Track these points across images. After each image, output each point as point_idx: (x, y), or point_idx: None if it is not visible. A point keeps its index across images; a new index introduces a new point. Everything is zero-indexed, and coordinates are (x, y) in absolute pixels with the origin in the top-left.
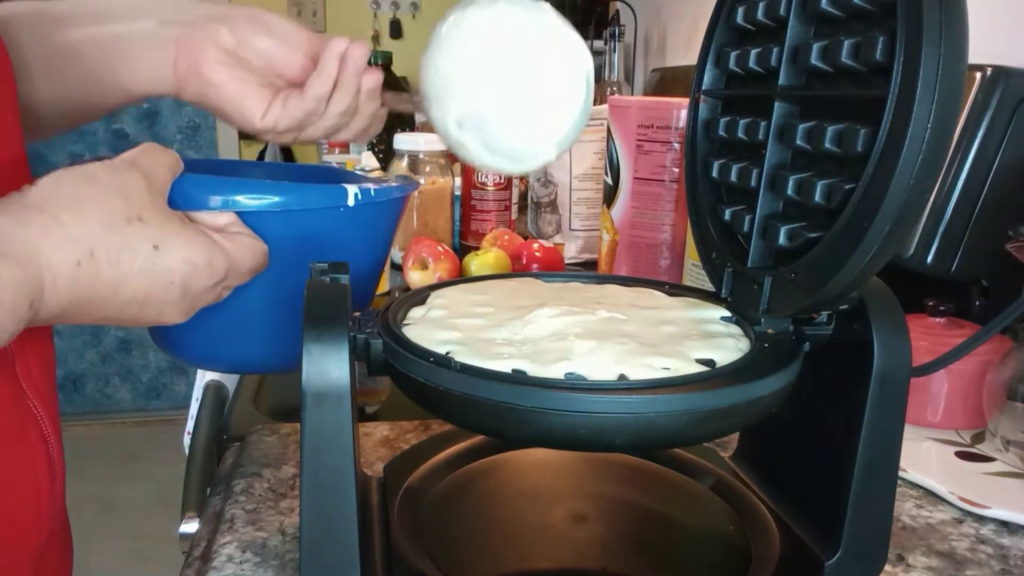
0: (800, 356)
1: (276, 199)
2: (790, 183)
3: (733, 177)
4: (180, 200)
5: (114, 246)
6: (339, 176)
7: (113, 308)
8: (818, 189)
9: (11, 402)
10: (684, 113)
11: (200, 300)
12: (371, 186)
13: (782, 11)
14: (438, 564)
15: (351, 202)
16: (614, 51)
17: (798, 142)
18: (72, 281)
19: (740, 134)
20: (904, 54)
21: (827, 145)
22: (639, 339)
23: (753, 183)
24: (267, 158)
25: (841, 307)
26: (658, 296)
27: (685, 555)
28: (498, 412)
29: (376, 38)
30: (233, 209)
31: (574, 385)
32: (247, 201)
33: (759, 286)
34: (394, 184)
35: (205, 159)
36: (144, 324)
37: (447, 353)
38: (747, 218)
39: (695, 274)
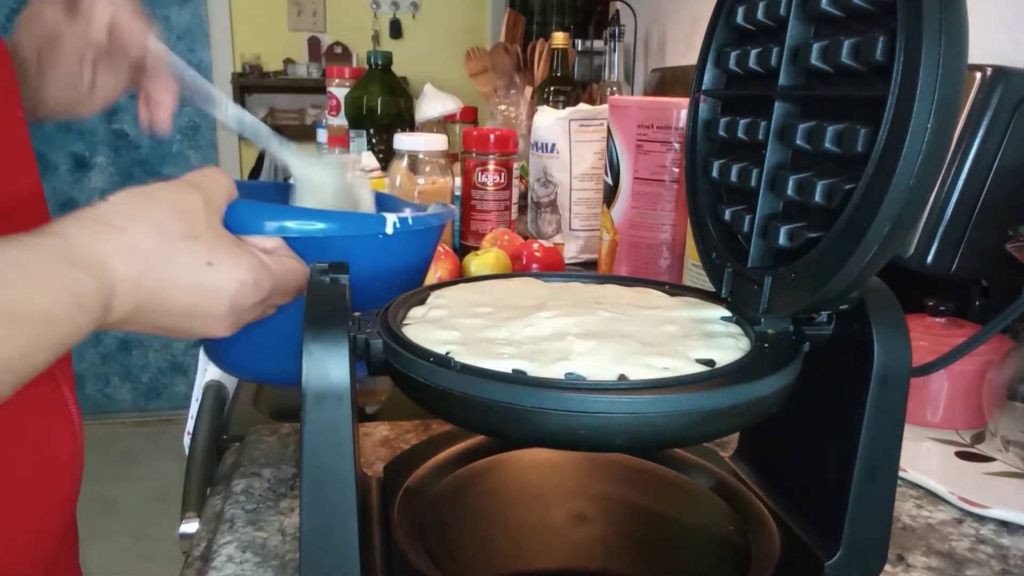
0: (800, 356)
1: (320, 226)
2: (790, 183)
3: (733, 177)
4: (233, 223)
5: (172, 261)
6: (382, 202)
7: (168, 319)
8: (818, 189)
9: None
10: (684, 113)
11: (245, 316)
12: (409, 215)
13: (782, 11)
14: (438, 564)
15: (389, 230)
16: (614, 51)
17: (798, 142)
18: (135, 290)
19: (740, 134)
20: (904, 54)
21: (827, 145)
22: (639, 339)
23: (753, 183)
24: (265, 160)
25: (841, 307)
26: (658, 296)
27: (685, 555)
28: (498, 412)
29: (376, 38)
30: (281, 234)
31: (574, 385)
32: (293, 226)
33: (759, 286)
34: (431, 212)
35: (251, 182)
36: (193, 336)
37: (447, 353)
38: (747, 218)
39: (695, 274)
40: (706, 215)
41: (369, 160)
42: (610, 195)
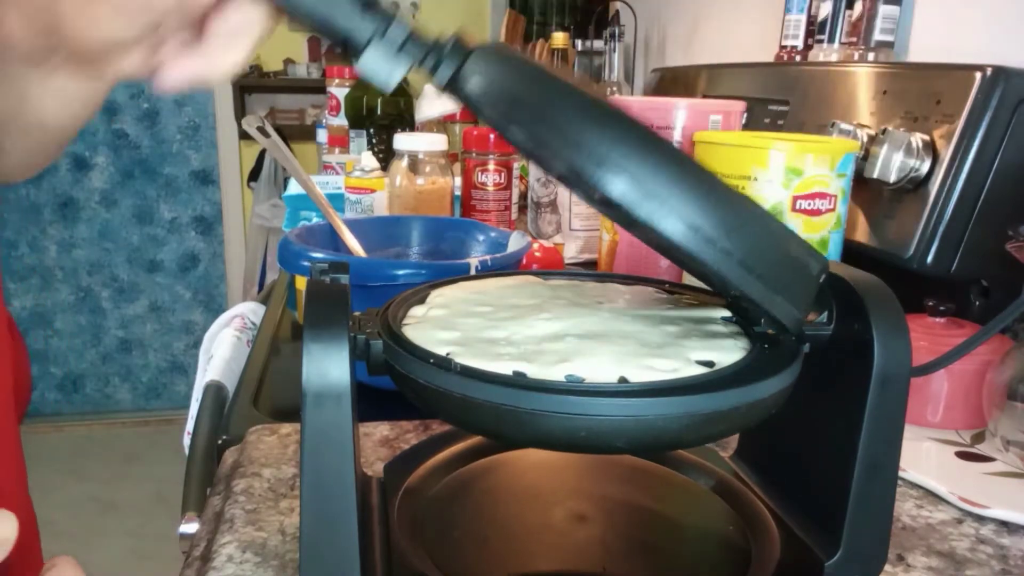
0: (800, 357)
1: (423, 273)
2: None
3: None
4: (364, 276)
5: None
6: (471, 229)
7: None
8: None
9: None
10: (684, 113)
11: None
12: (488, 258)
13: None
14: (438, 564)
15: (472, 272)
16: (614, 51)
17: None
18: None
19: None
20: None
21: None
22: (639, 340)
23: None
24: (265, 160)
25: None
26: (658, 296)
27: (685, 555)
28: (498, 414)
29: None
30: (391, 282)
31: (574, 388)
32: (402, 274)
33: None
34: (509, 252)
35: (369, 218)
36: None
37: (447, 354)
38: None
39: None
40: None
41: (369, 160)
42: None
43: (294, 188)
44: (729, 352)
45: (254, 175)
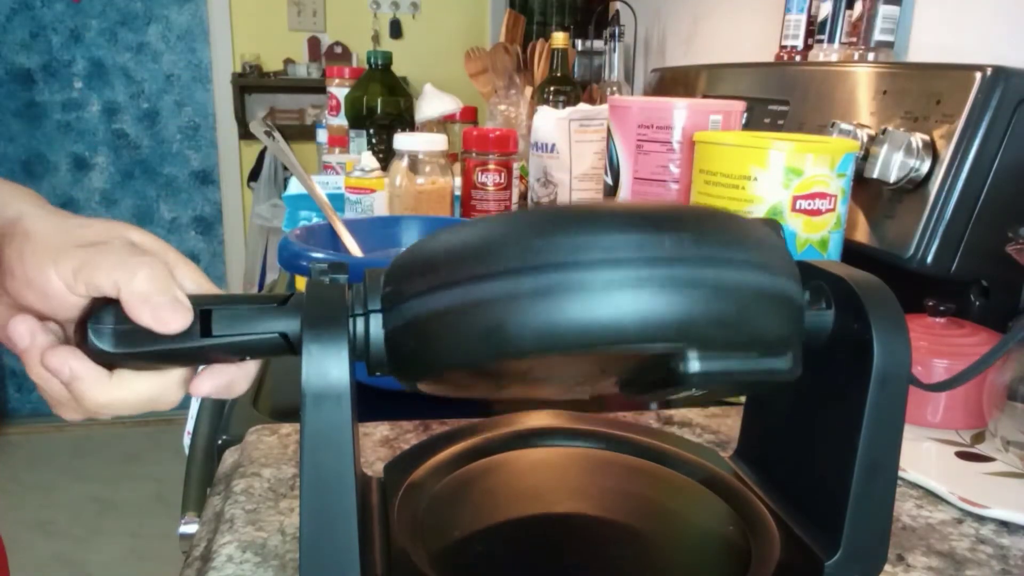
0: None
1: None
2: None
3: None
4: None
5: None
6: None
7: None
8: None
9: None
10: (684, 113)
11: None
12: None
13: None
14: (438, 564)
15: None
16: (614, 51)
17: None
18: None
19: None
20: None
21: None
22: None
23: None
24: (265, 160)
25: None
26: None
27: (685, 555)
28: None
29: (376, 38)
30: None
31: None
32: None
33: None
34: None
35: (370, 218)
36: None
37: None
38: None
39: None
40: None
41: (369, 160)
42: (610, 195)
43: (294, 188)
44: None
45: (254, 175)
